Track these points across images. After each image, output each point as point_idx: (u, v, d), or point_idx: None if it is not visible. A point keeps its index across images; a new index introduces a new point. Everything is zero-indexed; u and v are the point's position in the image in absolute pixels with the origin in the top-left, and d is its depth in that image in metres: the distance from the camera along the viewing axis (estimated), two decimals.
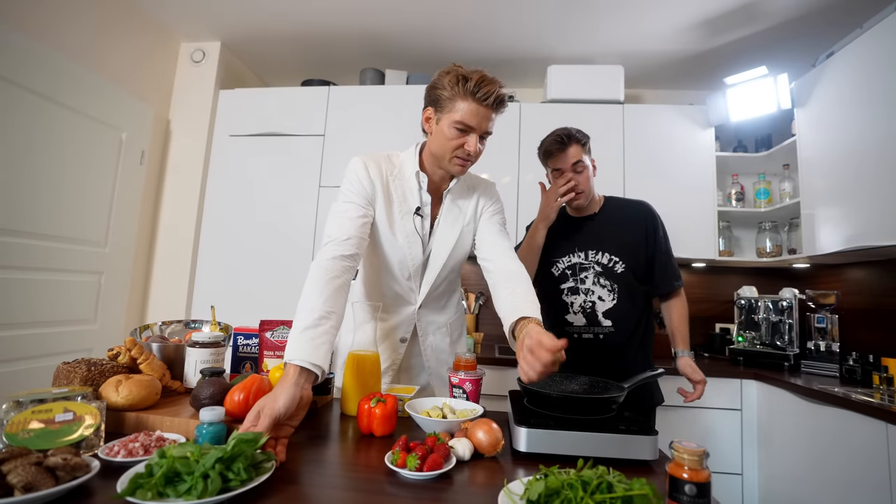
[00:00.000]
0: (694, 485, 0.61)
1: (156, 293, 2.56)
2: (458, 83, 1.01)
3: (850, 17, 2.05)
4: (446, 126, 1.05)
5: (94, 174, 2.17)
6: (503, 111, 1.06)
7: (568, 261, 1.44)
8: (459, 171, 1.11)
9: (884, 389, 1.77)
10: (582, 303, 1.41)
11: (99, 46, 2.19)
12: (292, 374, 0.80)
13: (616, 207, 1.47)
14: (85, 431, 0.71)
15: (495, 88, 1.01)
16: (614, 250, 1.40)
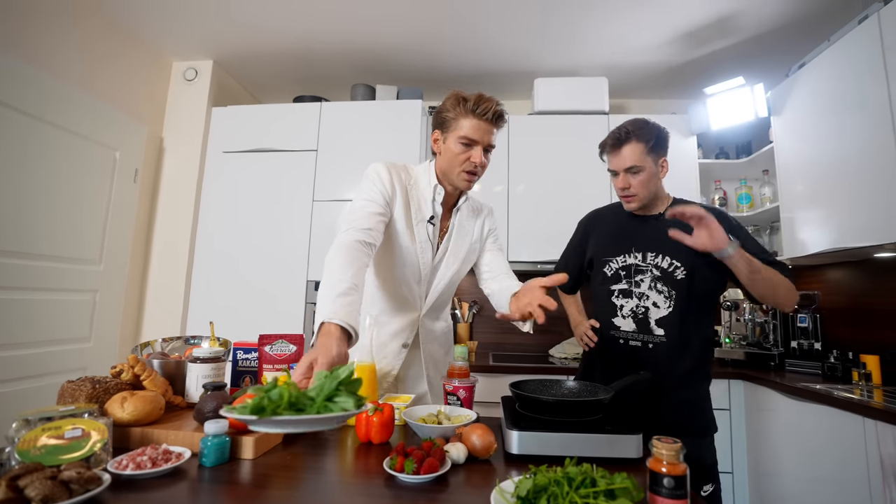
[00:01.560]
0: (672, 478, 0.66)
1: (150, 310, 2.57)
2: (458, 104, 1.13)
3: (819, 29, 2.15)
4: (452, 143, 1.15)
5: (89, 193, 2.19)
6: (502, 125, 1.17)
7: (623, 261, 1.31)
8: (466, 185, 1.19)
9: (863, 385, 1.83)
10: (634, 307, 1.28)
11: (90, 66, 2.22)
12: (335, 330, 0.82)
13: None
14: (94, 447, 0.73)
15: (493, 105, 1.13)
16: (676, 255, 1.23)
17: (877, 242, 1.72)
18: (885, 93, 1.66)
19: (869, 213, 1.75)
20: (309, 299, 2.48)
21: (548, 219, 2.57)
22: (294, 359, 1.17)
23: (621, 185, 1.27)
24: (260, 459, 0.83)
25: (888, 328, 1.98)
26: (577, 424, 0.91)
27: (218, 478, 0.75)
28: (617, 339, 1.31)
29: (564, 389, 1.11)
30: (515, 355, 2.67)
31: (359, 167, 2.52)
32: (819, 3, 2.04)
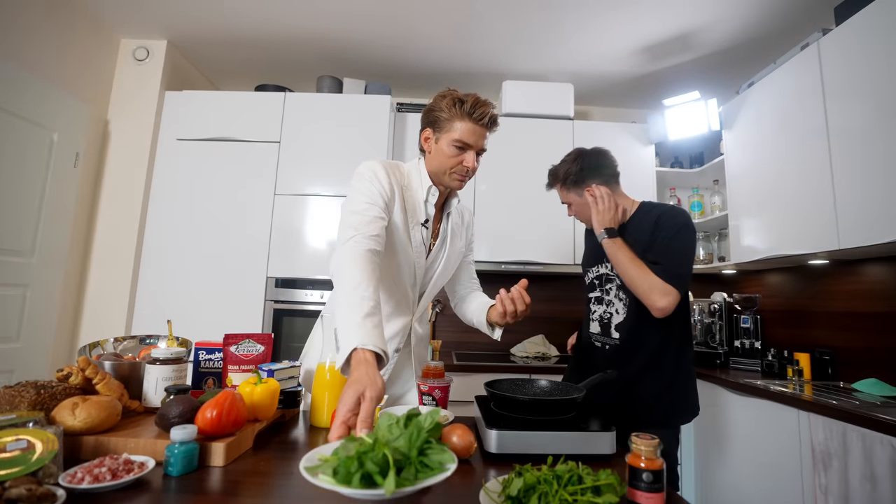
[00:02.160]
0: (650, 472, 0.69)
1: (90, 308, 2.37)
2: (454, 105, 1.10)
3: (767, 52, 2.33)
4: (445, 145, 1.12)
5: (21, 177, 1.99)
6: (496, 130, 1.16)
7: (596, 271, 1.44)
8: (458, 185, 1.19)
9: (796, 381, 2.01)
10: (602, 313, 1.40)
11: (23, 38, 2.01)
12: (371, 358, 0.78)
13: (640, 217, 1.37)
14: (42, 459, 0.66)
15: (489, 109, 1.12)
16: None
17: (810, 251, 1.88)
18: (822, 113, 1.82)
19: (804, 223, 1.92)
20: (269, 296, 2.38)
21: (512, 219, 2.62)
22: (261, 359, 1.12)
23: (570, 215, 1.52)
24: (231, 466, 0.79)
25: (819, 328, 2.18)
26: (553, 423, 0.94)
27: (187, 487, 0.70)
28: (590, 340, 1.44)
29: (537, 388, 1.13)
30: (478, 354, 2.70)
31: (324, 161, 2.47)
32: (768, 27, 2.21)
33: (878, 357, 1.90)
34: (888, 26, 1.57)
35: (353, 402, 0.68)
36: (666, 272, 1.22)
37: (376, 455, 0.51)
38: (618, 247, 1.28)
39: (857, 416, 1.42)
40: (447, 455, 0.56)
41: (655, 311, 1.22)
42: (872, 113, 1.62)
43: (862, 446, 1.38)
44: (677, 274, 1.23)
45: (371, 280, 0.91)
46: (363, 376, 0.73)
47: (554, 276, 2.87)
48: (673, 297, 1.21)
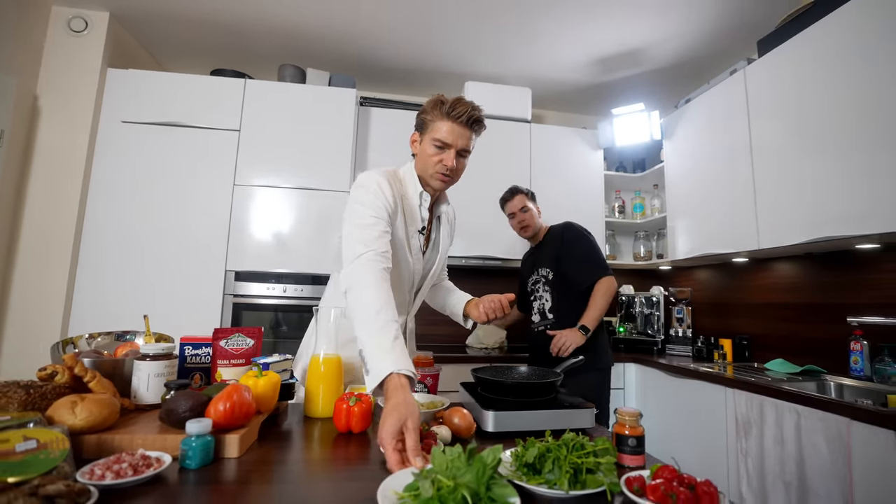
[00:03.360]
0: (634, 438, 0.81)
1: (16, 309, 2.13)
2: (436, 106, 1.14)
3: (703, 72, 2.62)
4: (427, 144, 1.16)
5: None
6: (480, 130, 1.18)
7: (532, 278, 2.06)
8: (440, 185, 1.21)
9: (721, 363, 2.31)
10: (539, 305, 2.01)
11: None
12: (406, 383, 0.83)
13: (550, 235, 2.05)
14: (56, 459, 0.65)
15: (468, 108, 1.13)
16: (546, 264, 2.00)
17: (735, 250, 2.17)
18: (747, 131, 2.10)
19: (730, 226, 2.20)
20: (227, 290, 2.29)
21: (472, 216, 2.71)
22: (252, 353, 1.12)
23: (518, 221, 2.05)
24: (245, 457, 0.80)
25: (739, 318, 2.51)
26: (537, 403, 1.04)
27: (207, 479, 0.71)
28: (532, 329, 1.98)
29: (518, 373, 1.24)
30: (440, 346, 2.78)
31: (287, 152, 2.41)
32: (704, 51, 2.48)
33: (784, 341, 2.24)
34: (802, 61, 1.85)
35: (396, 430, 0.73)
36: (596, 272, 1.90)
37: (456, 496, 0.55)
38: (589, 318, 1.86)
39: (770, 390, 1.69)
40: (509, 489, 0.60)
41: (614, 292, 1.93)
42: (787, 133, 1.91)
43: (775, 414, 1.64)
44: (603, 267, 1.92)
45: (391, 301, 0.95)
46: (402, 404, 0.77)
47: (511, 271, 3.01)
48: (609, 280, 1.90)
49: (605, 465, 0.70)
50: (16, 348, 2.10)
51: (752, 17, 2.18)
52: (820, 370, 1.97)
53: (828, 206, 1.73)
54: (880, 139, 1.54)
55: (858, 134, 1.62)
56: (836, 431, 1.40)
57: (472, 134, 1.16)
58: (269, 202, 2.37)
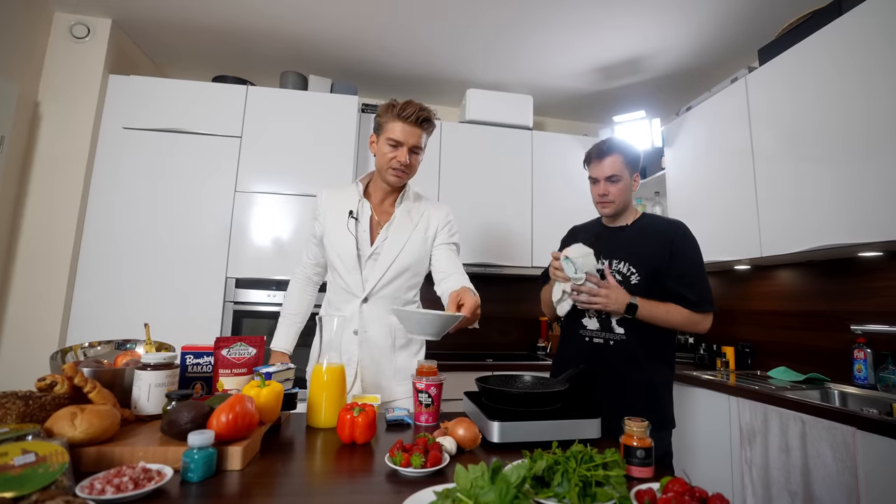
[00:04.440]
0: (643, 449, 0.80)
1: (14, 315, 2.11)
2: (388, 109, 1.27)
3: (703, 81, 2.63)
4: (383, 143, 1.29)
5: None
6: (430, 129, 1.31)
7: None
8: (395, 181, 1.32)
9: (723, 371, 2.30)
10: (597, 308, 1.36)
11: None
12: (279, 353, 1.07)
13: (648, 223, 1.44)
14: (55, 473, 0.63)
15: (416, 109, 1.25)
16: (634, 261, 1.36)
17: (738, 258, 2.17)
18: (748, 138, 2.11)
19: (732, 233, 2.20)
20: (228, 298, 2.28)
21: (473, 223, 2.72)
22: (253, 362, 1.10)
23: (601, 192, 1.40)
24: (248, 469, 0.79)
25: (741, 325, 2.50)
26: (543, 413, 1.03)
27: (210, 492, 0.70)
28: (583, 338, 1.41)
29: (522, 383, 1.22)
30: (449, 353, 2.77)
31: (289, 159, 2.41)
32: (705, 59, 2.50)
33: (787, 348, 2.23)
34: (803, 69, 1.85)
35: None
36: (701, 300, 1.31)
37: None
38: (648, 309, 1.29)
39: (775, 398, 1.67)
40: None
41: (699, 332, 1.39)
42: (789, 141, 1.91)
43: (779, 423, 1.63)
44: (709, 300, 1.33)
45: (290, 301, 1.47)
46: None
47: (512, 278, 3.01)
48: (710, 319, 1.35)
49: (614, 478, 0.69)
50: (14, 357, 2.08)
51: (752, 26, 2.20)
52: (823, 378, 1.96)
53: (830, 214, 1.73)
54: (884, 147, 1.54)
55: (862, 142, 1.62)
56: (843, 441, 1.39)
57: (423, 133, 1.29)
58: (270, 209, 2.36)
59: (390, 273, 1.32)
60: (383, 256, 1.32)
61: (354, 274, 1.32)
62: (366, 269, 1.32)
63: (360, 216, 1.35)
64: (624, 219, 1.45)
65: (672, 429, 1.36)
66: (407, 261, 1.34)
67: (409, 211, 1.38)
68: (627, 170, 1.39)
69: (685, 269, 1.33)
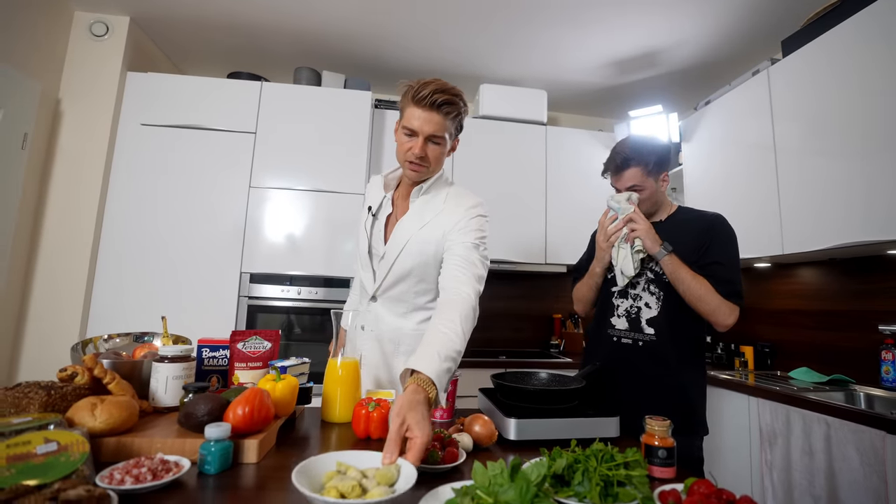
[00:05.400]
0: (665, 449, 0.78)
1: (37, 307, 2.15)
2: (407, 91, 1.09)
3: (723, 74, 2.57)
4: (399, 132, 1.15)
5: None
6: (453, 113, 1.09)
7: None
8: (412, 174, 1.17)
9: (741, 371, 2.25)
10: (628, 307, 1.33)
11: None
12: None
13: (683, 217, 1.35)
14: (76, 462, 0.64)
15: (432, 90, 1.04)
16: None
17: (758, 255, 2.11)
18: (770, 133, 2.05)
19: (752, 230, 2.14)
20: (242, 292, 2.30)
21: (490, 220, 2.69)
22: (269, 356, 1.11)
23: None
24: (264, 462, 0.79)
25: (761, 324, 2.44)
26: (561, 410, 1.01)
27: (227, 484, 0.70)
28: (611, 337, 1.35)
29: (537, 380, 1.21)
30: None
31: (303, 155, 2.42)
32: (724, 52, 2.43)
33: (809, 348, 2.17)
34: (829, 60, 1.79)
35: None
36: (729, 288, 1.21)
37: None
38: (678, 263, 1.22)
39: (797, 399, 1.63)
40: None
41: (720, 327, 1.23)
42: (813, 135, 1.85)
43: (802, 425, 1.58)
44: (738, 292, 1.22)
45: None
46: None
47: (526, 275, 2.99)
48: (736, 313, 1.22)
49: (637, 478, 0.67)
50: (37, 348, 2.13)
51: (775, 17, 2.13)
52: (848, 380, 1.90)
53: (855, 210, 1.67)
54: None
55: (889, 136, 1.56)
56: (871, 444, 1.35)
57: (444, 119, 1.08)
58: (284, 204, 2.38)
59: (392, 276, 1.21)
60: (388, 256, 1.22)
61: (367, 272, 1.28)
62: (377, 267, 1.26)
63: (380, 212, 1.27)
64: (658, 215, 1.37)
65: (704, 435, 1.27)
66: (408, 264, 1.19)
67: (423, 207, 1.22)
68: (651, 177, 1.30)
69: (717, 257, 1.24)
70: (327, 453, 0.70)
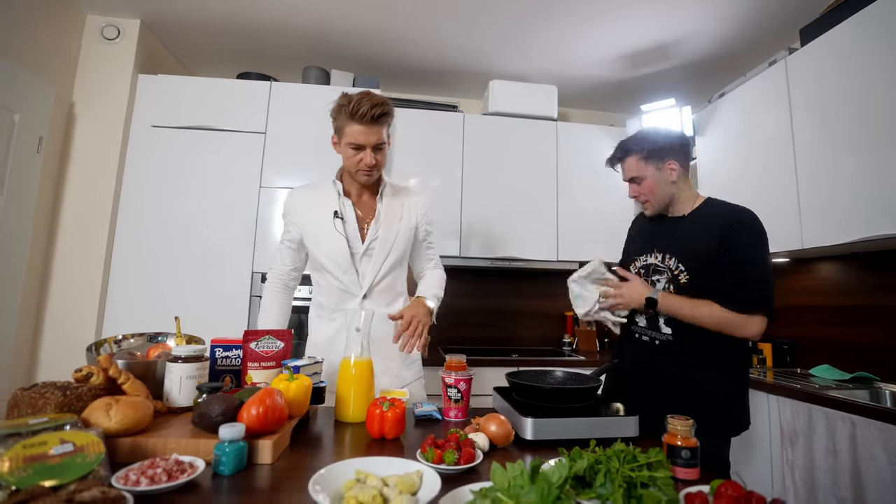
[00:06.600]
0: (688, 449, 0.75)
1: (54, 307, 2.18)
2: (341, 110, 1.20)
3: (737, 66, 2.51)
4: (345, 148, 1.24)
5: None
6: (387, 121, 1.22)
7: (644, 260, 1.32)
8: (366, 180, 1.30)
9: (760, 368, 2.20)
10: None
11: None
12: None
13: (706, 212, 1.26)
14: (92, 463, 0.64)
15: (369, 106, 1.15)
16: (682, 258, 1.23)
17: (776, 250, 2.05)
18: (788, 124, 2.00)
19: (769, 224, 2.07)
20: (254, 292, 2.31)
21: (498, 216, 2.67)
22: (282, 356, 1.10)
23: (632, 194, 1.32)
24: (278, 463, 0.78)
25: (779, 321, 2.35)
26: (578, 409, 0.99)
27: (242, 486, 0.69)
28: (633, 333, 1.33)
29: (553, 378, 1.18)
30: (469, 349, 2.74)
31: (312, 154, 2.42)
32: (738, 43, 2.38)
33: (830, 345, 2.11)
34: (849, 48, 1.74)
35: None
36: (748, 294, 1.13)
37: None
38: (670, 304, 1.18)
39: (820, 398, 1.58)
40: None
41: (750, 339, 1.18)
42: (833, 126, 1.80)
43: (825, 423, 1.54)
44: (765, 297, 1.13)
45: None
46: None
47: (538, 272, 2.95)
48: (761, 322, 1.13)
49: (661, 480, 0.65)
50: (54, 349, 2.16)
51: (793, 4, 2.07)
52: (872, 377, 1.84)
53: (878, 203, 1.62)
54: None
55: None
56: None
57: (382, 127, 1.21)
58: None
59: (385, 267, 1.32)
60: (377, 252, 1.30)
61: (350, 273, 1.29)
62: (361, 267, 1.30)
63: (345, 214, 1.31)
64: (681, 208, 1.29)
65: (732, 436, 1.22)
66: (398, 253, 1.34)
67: (390, 204, 1.35)
68: (651, 164, 1.26)
69: (736, 259, 1.15)
70: (345, 460, 0.68)
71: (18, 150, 1.97)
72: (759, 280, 1.15)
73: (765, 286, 1.14)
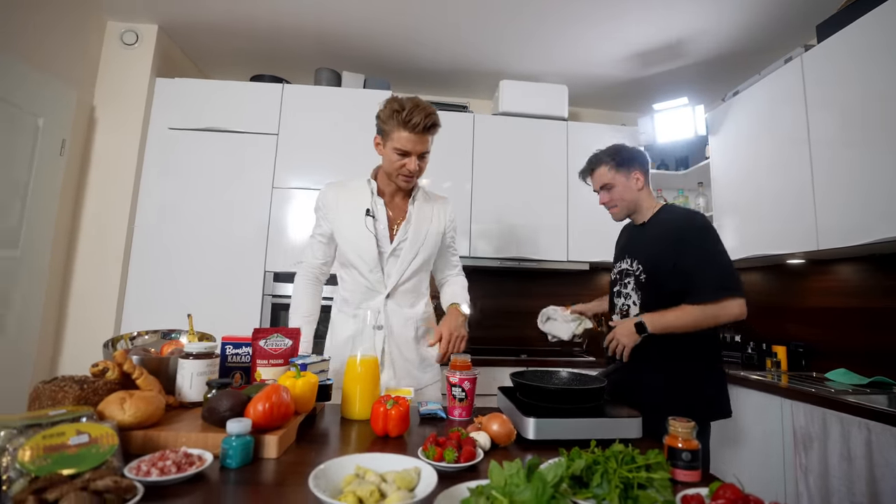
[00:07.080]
0: (689, 452, 0.75)
1: (76, 304, 2.26)
2: (392, 115, 1.22)
3: (752, 63, 2.46)
4: (389, 151, 1.27)
5: (6, 164, 1.89)
6: (436, 132, 1.28)
7: (619, 266, 1.49)
8: (405, 185, 1.33)
9: (774, 371, 2.16)
10: (621, 305, 1.43)
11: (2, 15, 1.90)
12: None
13: (661, 218, 1.42)
14: (106, 454, 0.66)
15: (422, 116, 1.21)
16: (641, 259, 1.39)
17: (791, 251, 2.02)
18: (804, 123, 1.96)
19: (784, 225, 2.05)
20: (267, 291, 2.35)
21: (509, 217, 2.67)
22: (290, 353, 1.12)
23: (602, 201, 1.48)
24: (283, 458, 0.80)
25: (794, 323, 2.33)
26: (581, 410, 0.99)
27: (247, 479, 0.72)
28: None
29: (558, 379, 1.19)
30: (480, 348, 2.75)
31: (324, 155, 2.45)
32: (752, 40, 2.33)
33: (846, 349, 2.06)
34: (867, 45, 1.70)
35: None
36: (713, 285, 1.25)
37: None
38: (658, 323, 1.28)
39: (835, 403, 1.55)
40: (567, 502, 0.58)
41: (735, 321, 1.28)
42: (850, 125, 1.76)
43: (840, 429, 1.51)
44: (727, 282, 1.25)
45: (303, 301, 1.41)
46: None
47: (547, 273, 2.95)
48: (735, 304, 1.24)
49: (658, 481, 0.65)
50: (76, 345, 2.24)
51: (809, 1, 2.03)
52: (891, 382, 1.80)
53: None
54: None
55: None
56: None
57: (430, 136, 1.26)
58: (306, 204, 2.41)
59: (411, 269, 1.35)
60: (405, 253, 1.33)
61: (376, 272, 1.32)
62: (387, 266, 1.33)
63: (377, 214, 1.34)
64: (640, 217, 1.47)
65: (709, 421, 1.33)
66: (425, 256, 1.37)
67: (422, 208, 1.39)
68: (621, 173, 1.42)
69: (693, 260, 1.29)
70: (346, 456, 0.70)
71: (43, 153, 2.04)
72: (717, 269, 1.28)
73: (723, 271, 1.28)
